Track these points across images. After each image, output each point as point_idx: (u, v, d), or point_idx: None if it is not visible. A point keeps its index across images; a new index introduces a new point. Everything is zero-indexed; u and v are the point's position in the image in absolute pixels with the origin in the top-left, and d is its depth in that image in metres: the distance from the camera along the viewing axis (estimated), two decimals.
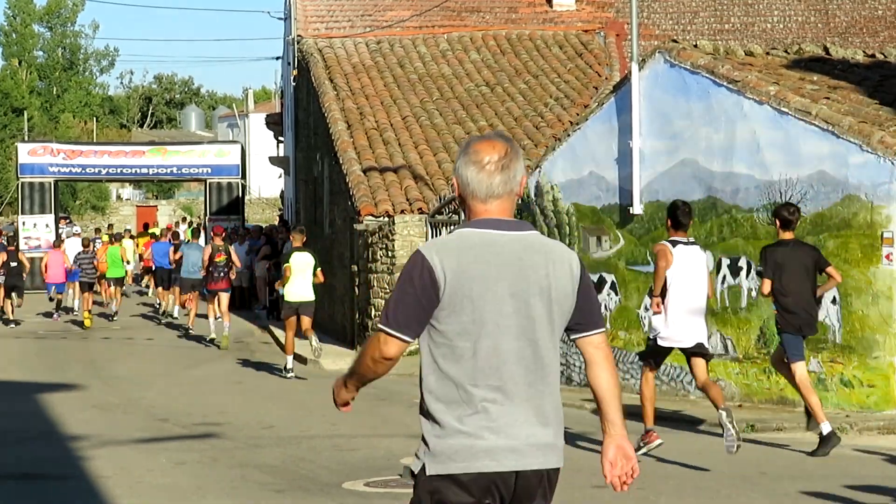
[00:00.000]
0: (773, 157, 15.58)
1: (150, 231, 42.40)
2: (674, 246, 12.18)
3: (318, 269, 20.16)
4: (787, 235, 12.65)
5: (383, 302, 23.31)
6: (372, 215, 23.82)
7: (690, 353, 12.13)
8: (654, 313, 12.25)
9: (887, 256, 14.41)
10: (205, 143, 46.90)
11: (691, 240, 12.43)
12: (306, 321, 19.96)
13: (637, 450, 11.43)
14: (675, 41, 18.14)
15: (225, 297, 25.11)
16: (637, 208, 17.27)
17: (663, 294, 12.06)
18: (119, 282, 32.30)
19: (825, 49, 18.72)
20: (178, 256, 29.45)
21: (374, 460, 12.35)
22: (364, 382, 4.84)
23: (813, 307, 12.67)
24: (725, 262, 16.00)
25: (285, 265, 20.18)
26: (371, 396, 17.82)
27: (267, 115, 51.26)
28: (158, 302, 33.01)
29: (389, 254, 23.15)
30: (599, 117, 18.10)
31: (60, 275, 31.98)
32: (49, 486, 11.40)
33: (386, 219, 23.63)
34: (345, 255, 26.35)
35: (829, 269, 12.73)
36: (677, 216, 12.30)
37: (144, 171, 43.39)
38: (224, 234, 27.08)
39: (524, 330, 4.58)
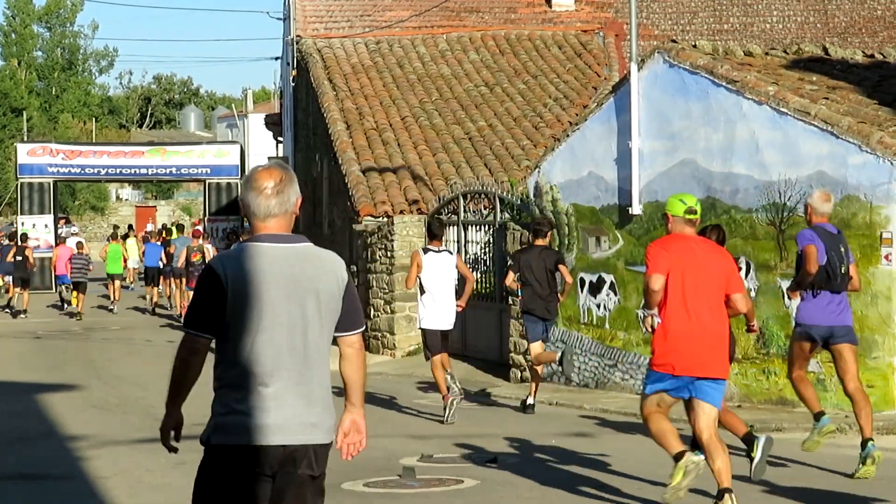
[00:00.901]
0: (773, 158, 15.58)
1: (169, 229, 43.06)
2: (425, 253, 15.40)
3: None
4: (539, 242, 15.92)
5: (383, 302, 23.31)
6: (371, 216, 23.82)
7: (442, 335, 15.42)
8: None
9: (886, 257, 14.42)
10: (204, 144, 46.89)
11: (443, 248, 15.62)
12: None
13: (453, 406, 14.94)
14: (674, 41, 18.15)
15: None
16: (636, 208, 17.27)
17: (422, 290, 15.39)
18: (117, 277, 34.70)
19: (824, 49, 18.73)
20: (171, 249, 32.32)
21: (373, 461, 12.34)
22: (183, 392, 5.70)
23: (553, 297, 15.82)
24: None
25: None
26: (370, 397, 17.83)
27: (266, 116, 51.24)
28: (150, 297, 34.94)
29: (388, 254, 23.15)
30: (598, 117, 18.10)
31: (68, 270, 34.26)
32: (49, 487, 11.40)
33: (385, 219, 23.63)
34: (344, 256, 26.30)
35: (561, 268, 15.82)
36: (431, 229, 15.71)
37: (143, 171, 43.39)
38: (202, 236, 31.43)
39: (295, 327, 5.47)
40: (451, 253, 15.97)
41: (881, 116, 15.19)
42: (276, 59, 50.48)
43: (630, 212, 17.37)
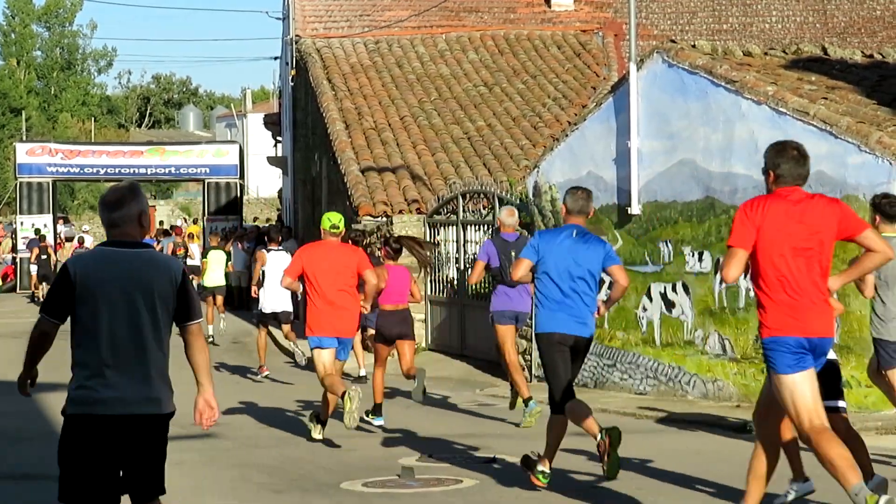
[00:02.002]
0: None
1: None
2: (269, 252, 20.25)
3: (230, 262, 28.24)
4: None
5: None
6: (370, 215, 23.82)
7: (277, 317, 20.21)
8: (255, 295, 20.82)
9: None
10: (203, 143, 46.93)
11: (280, 248, 20.36)
12: (219, 299, 26.29)
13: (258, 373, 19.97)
14: (673, 41, 18.15)
15: None
16: (635, 208, 17.27)
17: (260, 284, 20.29)
18: None
19: (823, 49, 18.73)
20: (159, 248, 36.40)
21: (373, 460, 12.36)
22: (36, 360, 7.11)
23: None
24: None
25: (203, 260, 27.27)
26: (370, 397, 17.82)
27: (265, 115, 51.24)
28: None
29: None
30: (597, 117, 18.10)
31: None
32: (49, 486, 11.36)
33: (384, 219, 23.63)
34: None
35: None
36: (270, 234, 21.21)
37: (142, 171, 43.39)
38: (180, 234, 37.61)
39: (132, 318, 6.67)
40: (287, 252, 19.87)
41: (880, 116, 15.19)
42: (275, 58, 50.45)
43: (629, 212, 17.37)
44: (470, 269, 15.41)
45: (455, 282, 22.35)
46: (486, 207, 21.52)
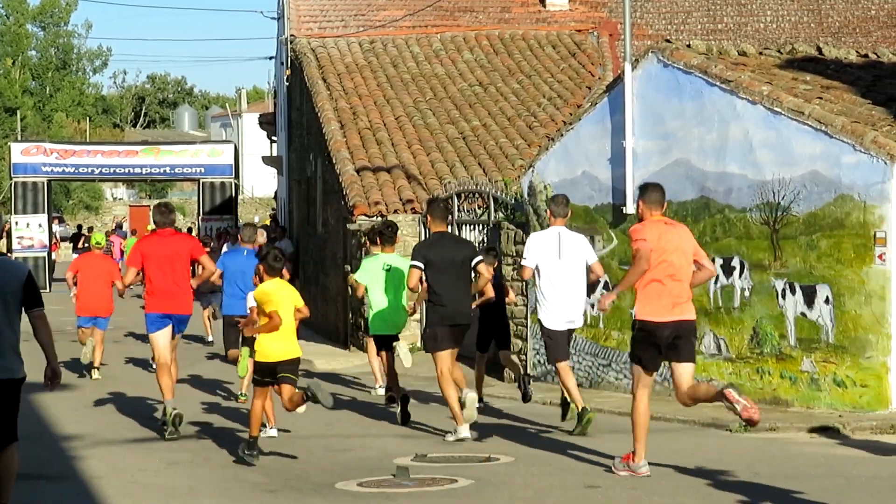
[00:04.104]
0: (766, 157, 15.58)
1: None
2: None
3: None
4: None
5: None
6: (365, 215, 23.80)
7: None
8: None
9: (880, 256, 14.41)
10: (198, 143, 46.91)
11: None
12: None
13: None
14: (668, 41, 18.15)
15: None
16: (630, 208, 17.26)
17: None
18: None
19: (818, 49, 18.73)
20: None
21: (367, 460, 12.35)
22: None
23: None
24: (718, 261, 15.98)
25: None
26: (364, 397, 17.81)
27: (260, 115, 51.23)
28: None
29: None
30: (592, 117, 18.10)
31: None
32: (42, 487, 11.39)
33: (379, 218, 23.61)
34: (338, 255, 26.35)
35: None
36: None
37: (137, 170, 43.41)
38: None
39: None
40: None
41: (875, 116, 15.20)
42: (270, 58, 50.43)
43: (624, 211, 17.38)
44: None
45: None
46: (482, 207, 21.51)
